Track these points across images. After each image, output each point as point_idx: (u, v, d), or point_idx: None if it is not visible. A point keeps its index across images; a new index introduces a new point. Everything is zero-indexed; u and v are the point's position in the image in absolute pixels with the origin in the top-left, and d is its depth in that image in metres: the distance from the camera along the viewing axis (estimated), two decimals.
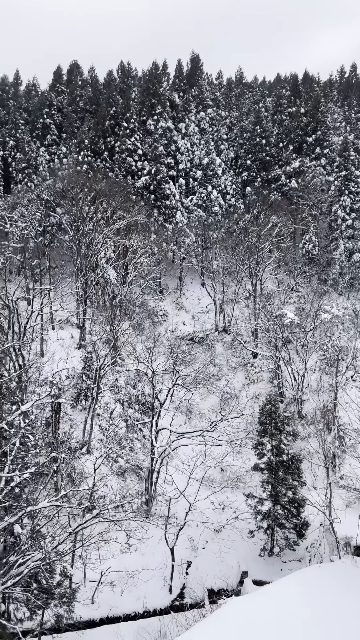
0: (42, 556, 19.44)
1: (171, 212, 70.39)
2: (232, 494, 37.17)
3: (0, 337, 40.50)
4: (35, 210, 63.77)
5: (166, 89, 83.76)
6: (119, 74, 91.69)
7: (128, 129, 74.43)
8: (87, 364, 44.68)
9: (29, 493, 25.69)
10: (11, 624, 18.35)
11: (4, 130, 78.55)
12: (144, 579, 29.64)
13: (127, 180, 70.67)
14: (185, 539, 32.85)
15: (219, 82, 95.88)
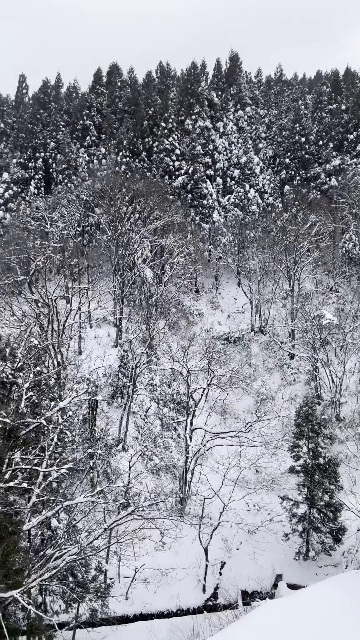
0: (78, 550, 19.77)
1: (208, 211, 70.27)
2: (267, 496, 36.81)
3: (40, 334, 41.40)
4: (74, 210, 64.87)
5: (204, 88, 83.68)
6: (158, 75, 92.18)
7: (166, 129, 74.71)
8: (123, 362, 45.16)
9: (66, 488, 26.19)
10: (47, 616, 18.75)
11: (46, 132, 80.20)
12: (177, 578, 29.74)
13: (164, 180, 70.98)
14: (219, 539, 32.76)
15: (257, 80, 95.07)
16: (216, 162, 76.53)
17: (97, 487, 28.74)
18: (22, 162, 77.97)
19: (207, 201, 70.41)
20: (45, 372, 31.20)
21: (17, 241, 56.58)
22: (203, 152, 74.80)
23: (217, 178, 75.84)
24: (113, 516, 27.16)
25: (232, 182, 75.47)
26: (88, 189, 68.93)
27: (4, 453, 17.28)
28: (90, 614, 24.39)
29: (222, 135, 78.70)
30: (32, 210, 68.13)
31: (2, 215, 72.40)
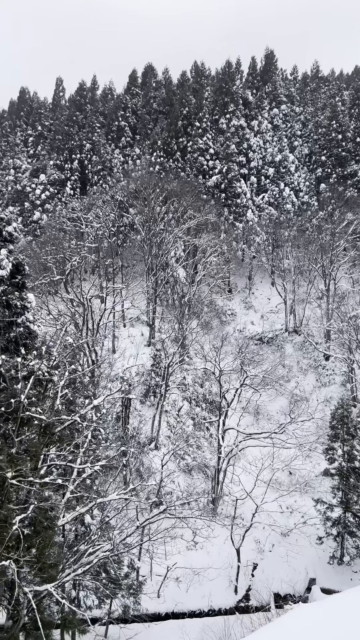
0: (111, 547, 19.98)
1: (242, 210, 69.85)
2: (300, 498, 36.34)
3: (75, 333, 42.05)
4: (109, 211, 65.59)
5: (239, 86, 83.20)
6: (192, 74, 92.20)
7: (200, 129, 74.66)
8: (156, 361, 45.39)
9: (99, 485, 26.50)
10: (81, 611, 19.02)
11: (81, 134, 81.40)
12: (209, 578, 29.69)
13: (198, 180, 70.95)
14: (251, 540, 32.53)
15: (293, 77, 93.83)
16: (250, 161, 75.99)
17: (130, 485, 28.98)
18: (58, 164, 79.36)
19: (241, 200, 69.99)
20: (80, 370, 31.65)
21: (53, 241, 57.65)
22: (237, 151, 74.38)
23: (251, 177, 75.29)
24: (145, 514, 27.35)
25: (267, 181, 74.77)
26: (122, 190, 69.57)
27: (39, 449, 17.62)
28: (122, 610, 24.62)
29: (256, 133, 78.07)
30: (68, 211, 69.27)
31: (39, 216, 73.91)
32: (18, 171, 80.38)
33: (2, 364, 15.99)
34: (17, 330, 18.29)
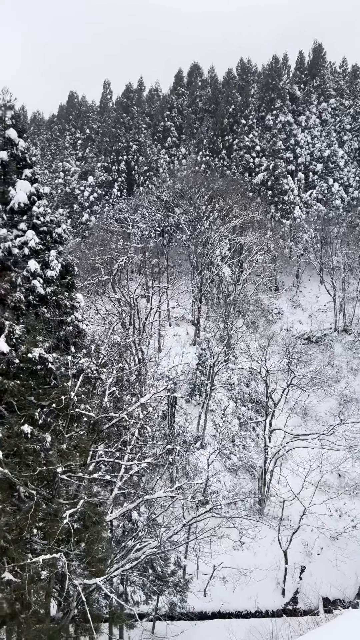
0: (158, 544, 20.17)
1: (289, 207, 68.76)
2: (350, 501, 35.44)
3: (123, 332, 42.69)
4: (155, 211, 66.13)
5: (286, 82, 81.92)
6: (238, 71, 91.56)
7: (246, 126, 74.05)
8: (201, 360, 45.40)
9: (146, 482, 26.80)
10: (128, 606, 19.31)
11: (128, 136, 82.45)
12: (256, 579, 29.45)
13: (244, 178, 70.40)
14: (299, 542, 32.01)
15: (342, 70, 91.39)
16: (298, 157, 74.68)
17: (176, 482, 29.15)
18: (106, 166, 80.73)
19: (288, 197, 68.90)
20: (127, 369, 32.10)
21: (101, 242, 58.69)
22: (284, 147, 73.31)
23: (298, 173, 73.99)
24: (192, 512, 27.43)
25: (315, 177, 73.27)
26: (168, 190, 69.96)
27: (88, 445, 18.00)
28: (169, 607, 24.80)
29: (304, 129, 76.64)
30: (115, 212, 70.37)
31: (87, 217, 75.49)
32: (67, 174, 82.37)
33: (53, 361, 16.42)
34: (67, 329, 18.74)
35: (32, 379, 16.43)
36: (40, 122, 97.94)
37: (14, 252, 16.85)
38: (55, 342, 18.37)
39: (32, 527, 15.05)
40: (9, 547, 14.12)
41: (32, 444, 15.09)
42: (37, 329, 16.89)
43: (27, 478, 14.64)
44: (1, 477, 14.32)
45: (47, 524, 15.53)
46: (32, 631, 14.50)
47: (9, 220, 17.95)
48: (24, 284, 16.48)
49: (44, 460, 15.22)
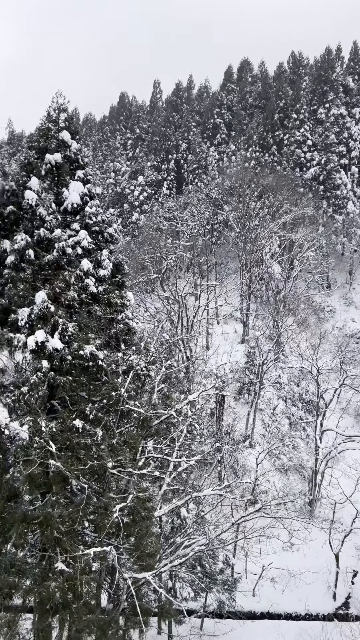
0: (206, 542, 20.20)
1: (342, 202, 66.91)
2: None
3: (171, 330, 42.97)
4: (204, 209, 66.09)
5: (339, 73, 79.68)
6: (290, 65, 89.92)
7: (297, 120, 72.65)
8: (250, 358, 45.01)
9: (195, 479, 26.89)
10: (177, 601, 19.47)
11: (178, 134, 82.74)
12: (306, 581, 28.93)
13: (294, 173, 69.14)
14: (351, 546, 31.20)
15: None
16: (351, 151, 72.46)
17: (224, 481, 29.08)
18: (155, 165, 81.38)
19: (340, 192, 67.06)
20: (176, 366, 32.31)
21: (150, 241, 59.27)
22: (337, 140, 71.30)
23: (352, 167, 71.82)
24: (240, 512, 27.25)
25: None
26: (217, 187, 69.72)
27: (138, 441, 18.25)
28: (217, 605, 24.79)
29: (358, 121, 74.30)
30: (164, 210, 70.82)
31: (137, 217, 76.41)
32: (118, 174, 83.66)
33: (104, 358, 16.73)
34: (117, 327, 19.03)
35: (83, 375, 16.82)
36: (92, 124, 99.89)
37: (68, 251, 17.26)
38: (106, 339, 18.70)
39: (83, 519, 15.43)
40: (62, 538, 14.55)
41: (83, 438, 15.45)
42: (89, 326, 17.25)
43: (79, 472, 15.01)
44: (55, 470, 14.76)
45: (98, 517, 15.88)
46: (83, 621, 14.88)
47: (63, 221, 18.41)
48: (77, 283, 16.86)
49: (95, 455, 15.55)
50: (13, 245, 16.62)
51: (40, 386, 15.50)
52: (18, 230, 17.42)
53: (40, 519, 14.48)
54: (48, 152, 18.28)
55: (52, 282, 16.71)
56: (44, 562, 15.45)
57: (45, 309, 15.79)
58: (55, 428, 15.21)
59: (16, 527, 14.31)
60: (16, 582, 14.42)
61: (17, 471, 15.00)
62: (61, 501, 14.94)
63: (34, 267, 17.37)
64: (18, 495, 15.69)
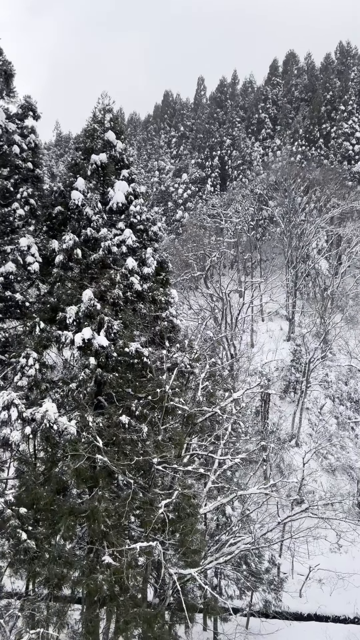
0: (252, 540, 20.06)
1: None
2: None
3: (215, 327, 42.87)
4: (248, 205, 65.53)
5: None
6: (337, 56, 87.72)
7: (345, 112, 70.75)
8: (296, 356, 44.30)
9: (240, 478, 26.74)
10: (222, 599, 19.46)
11: (222, 130, 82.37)
12: (355, 584, 28.21)
13: (342, 166, 67.41)
14: None
15: None
16: None
17: (270, 480, 28.77)
18: (199, 162, 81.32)
19: None
20: (220, 364, 32.21)
21: (194, 239, 59.31)
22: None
23: None
24: (286, 511, 26.93)
25: None
26: (262, 183, 68.94)
27: (182, 438, 18.33)
28: (263, 604, 24.59)
29: None
30: (208, 208, 70.72)
31: (181, 214, 76.61)
32: (162, 172, 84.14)
33: (149, 355, 16.91)
34: (162, 324, 19.18)
35: (129, 372, 17.06)
36: (137, 123, 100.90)
37: (113, 250, 17.54)
38: (150, 336, 18.90)
39: (129, 514, 15.67)
40: (108, 532, 14.82)
41: (129, 434, 15.68)
42: (134, 324, 17.49)
43: (125, 467, 15.25)
44: (101, 464, 15.04)
45: (144, 513, 16.07)
46: (130, 614, 15.11)
47: (109, 220, 18.72)
48: (122, 281, 17.11)
49: (141, 451, 15.75)
50: (61, 245, 17.04)
51: (88, 382, 15.82)
52: (66, 230, 17.84)
53: (88, 513, 14.80)
54: (94, 152, 18.62)
55: (98, 281, 17.03)
56: (91, 554, 15.79)
57: (92, 307, 16.10)
58: (102, 423, 15.50)
59: (64, 519, 14.68)
60: (64, 573, 14.80)
61: (66, 465, 15.39)
62: (107, 495, 15.21)
63: (81, 266, 17.76)
64: (66, 488, 16.11)
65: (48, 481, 15.56)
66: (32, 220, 18.68)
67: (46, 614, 14.92)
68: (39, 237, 18.87)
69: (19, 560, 14.68)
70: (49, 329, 16.39)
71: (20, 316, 18.28)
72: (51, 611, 15.18)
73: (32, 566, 14.84)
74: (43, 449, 16.37)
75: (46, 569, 14.54)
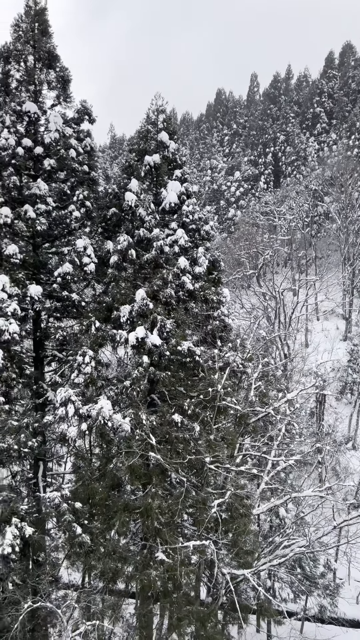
0: (306, 544, 19.66)
1: None
2: None
3: (268, 326, 42.34)
4: (302, 201, 64.28)
5: None
6: None
7: None
8: (353, 356, 43.00)
9: (294, 479, 26.28)
10: (276, 601, 19.21)
11: (275, 127, 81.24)
12: None
13: None
14: None
15: None
16: None
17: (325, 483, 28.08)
18: (252, 160, 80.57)
19: None
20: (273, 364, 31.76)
21: (246, 237, 58.80)
22: None
23: None
24: (343, 515, 26.18)
25: None
26: (317, 178, 67.42)
27: (235, 438, 18.24)
28: (318, 609, 24.05)
29: None
30: (261, 205, 69.97)
31: (233, 213, 76.21)
32: (214, 171, 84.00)
33: (201, 354, 16.94)
34: (214, 324, 19.17)
35: (181, 371, 17.16)
36: (189, 122, 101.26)
37: (166, 250, 17.69)
38: (202, 335, 18.92)
39: (182, 512, 15.77)
40: (161, 529, 14.98)
41: (182, 432, 15.77)
42: (186, 323, 17.56)
43: (177, 465, 15.36)
44: (154, 462, 15.23)
45: (196, 511, 16.13)
46: (183, 611, 15.21)
47: (161, 220, 18.90)
48: (174, 281, 17.24)
49: (193, 450, 15.81)
50: (116, 246, 17.39)
51: (141, 380, 16.05)
52: (120, 231, 18.17)
53: (141, 509, 15.02)
54: (147, 153, 18.85)
55: (151, 280, 17.23)
56: (145, 550, 16.02)
57: (145, 306, 16.32)
58: (155, 421, 15.68)
59: (119, 515, 14.97)
60: (119, 567, 15.09)
61: (120, 461, 15.69)
62: (160, 493, 15.37)
63: (135, 266, 18.04)
64: (120, 484, 16.42)
65: (103, 477, 15.91)
66: (87, 222, 19.13)
67: (101, 607, 15.28)
68: (94, 238, 19.30)
69: (75, 553, 15.12)
70: (104, 328, 16.76)
71: (76, 315, 18.78)
72: (106, 604, 15.53)
73: (87, 559, 15.24)
74: (98, 445, 16.76)
75: (101, 563, 14.89)
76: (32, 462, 17.83)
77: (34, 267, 18.38)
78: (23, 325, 17.14)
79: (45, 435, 17.59)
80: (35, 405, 17.92)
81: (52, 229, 18.71)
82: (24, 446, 15.11)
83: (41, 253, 18.89)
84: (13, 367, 16.00)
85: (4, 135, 17.26)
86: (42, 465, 18.03)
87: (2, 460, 15.40)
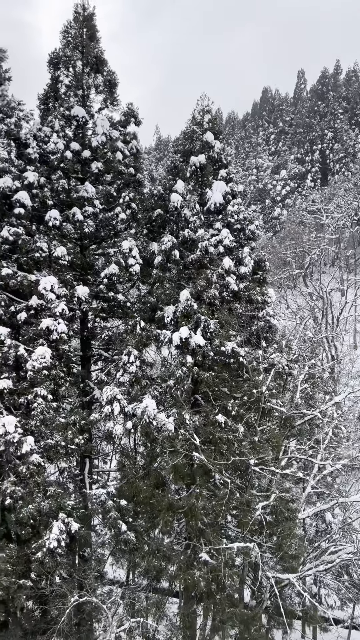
0: (354, 550, 19.14)
1: None
2: None
3: (314, 327, 41.48)
4: (351, 199, 62.70)
5: None
6: None
7: None
8: None
9: (341, 484, 25.67)
10: (322, 608, 18.79)
11: (323, 124, 79.63)
12: None
13: None
14: None
15: None
16: None
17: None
18: (299, 158, 79.31)
19: None
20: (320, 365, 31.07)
21: (292, 236, 57.91)
22: None
23: None
24: None
25: None
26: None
27: (280, 440, 17.99)
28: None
29: None
30: (307, 203, 68.74)
31: (279, 212, 75.24)
32: (260, 170, 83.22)
33: (245, 355, 16.82)
34: (258, 324, 18.99)
35: (225, 371, 17.09)
36: (235, 122, 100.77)
37: (210, 250, 17.69)
38: (246, 336, 18.77)
39: (226, 513, 15.70)
40: (205, 529, 14.96)
41: (225, 433, 15.70)
42: (230, 323, 17.47)
43: (221, 466, 15.30)
44: (198, 462, 15.22)
45: (241, 513, 16.00)
46: (226, 612, 15.14)
47: (206, 220, 18.90)
48: (218, 281, 17.20)
49: (237, 451, 15.70)
50: (160, 246, 17.53)
51: (185, 380, 16.10)
52: (165, 232, 18.30)
53: (185, 509, 15.05)
54: (192, 154, 18.90)
55: (195, 281, 17.26)
56: (188, 550, 16.05)
57: (189, 306, 16.36)
58: (199, 421, 15.69)
59: (163, 514, 15.06)
60: (163, 566, 15.18)
61: (164, 461, 15.78)
62: (205, 493, 15.36)
63: (179, 266, 18.13)
64: (165, 483, 16.51)
65: (147, 475, 16.06)
66: (133, 223, 19.37)
67: (145, 604, 15.42)
68: (139, 239, 19.53)
69: (120, 550, 15.34)
70: (149, 328, 16.92)
71: (122, 315, 19.06)
72: (150, 602, 15.66)
73: (132, 557, 15.43)
74: (143, 443, 16.93)
75: (145, 561, 15.04)
76: (78, 459, 18.21)
77: (81, 268, 18.77)
78: (71, 325, 17.55)
79: (91, 432, 17.93)
80: (82, 403, 18.30)
81: (99, 231, 19.05)
82: (71, 443, 15.46)
83: (88, 254, 19.27)
84: (61, 366, 16.39)
85: (53, 139, 17.73)
86: (89, 462, 18.38)
87: (50, 456, 15.80)
